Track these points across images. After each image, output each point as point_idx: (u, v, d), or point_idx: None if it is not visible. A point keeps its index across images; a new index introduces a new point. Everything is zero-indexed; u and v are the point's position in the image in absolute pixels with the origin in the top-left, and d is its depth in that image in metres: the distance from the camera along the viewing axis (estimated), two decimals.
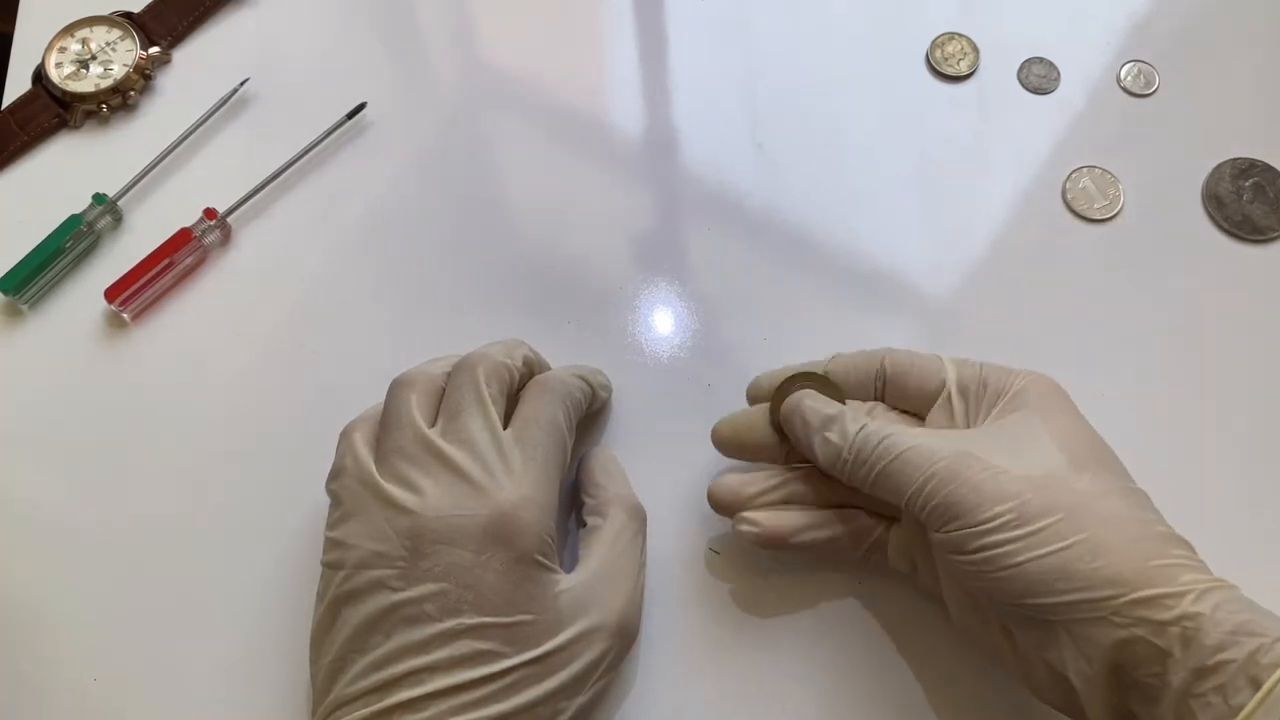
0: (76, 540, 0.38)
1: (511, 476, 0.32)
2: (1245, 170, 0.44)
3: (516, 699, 0.29)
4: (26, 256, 0.42)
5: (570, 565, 0.33)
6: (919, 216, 0.44)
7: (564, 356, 0.39)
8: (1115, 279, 0.42)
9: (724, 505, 0.35)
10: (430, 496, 0.31)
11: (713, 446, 0.36)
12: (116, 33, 0.47)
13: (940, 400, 0.34)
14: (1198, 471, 0.38)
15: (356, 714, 0.29)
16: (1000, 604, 0.30)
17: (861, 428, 0.32)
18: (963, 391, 0.34)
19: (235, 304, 0.42)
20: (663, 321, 0.42)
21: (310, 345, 0.42)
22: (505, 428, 0.33)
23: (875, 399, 0.35)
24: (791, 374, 0.35)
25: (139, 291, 0.42)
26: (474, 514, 0.31)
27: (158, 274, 0.42)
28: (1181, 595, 0.27)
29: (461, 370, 0.34)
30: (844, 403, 0.34)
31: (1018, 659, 0.31)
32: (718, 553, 0.37)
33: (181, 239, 0.42)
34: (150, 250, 0.42)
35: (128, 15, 0.48)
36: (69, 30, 0.47)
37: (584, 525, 0.35)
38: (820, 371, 0.35)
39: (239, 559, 0.37)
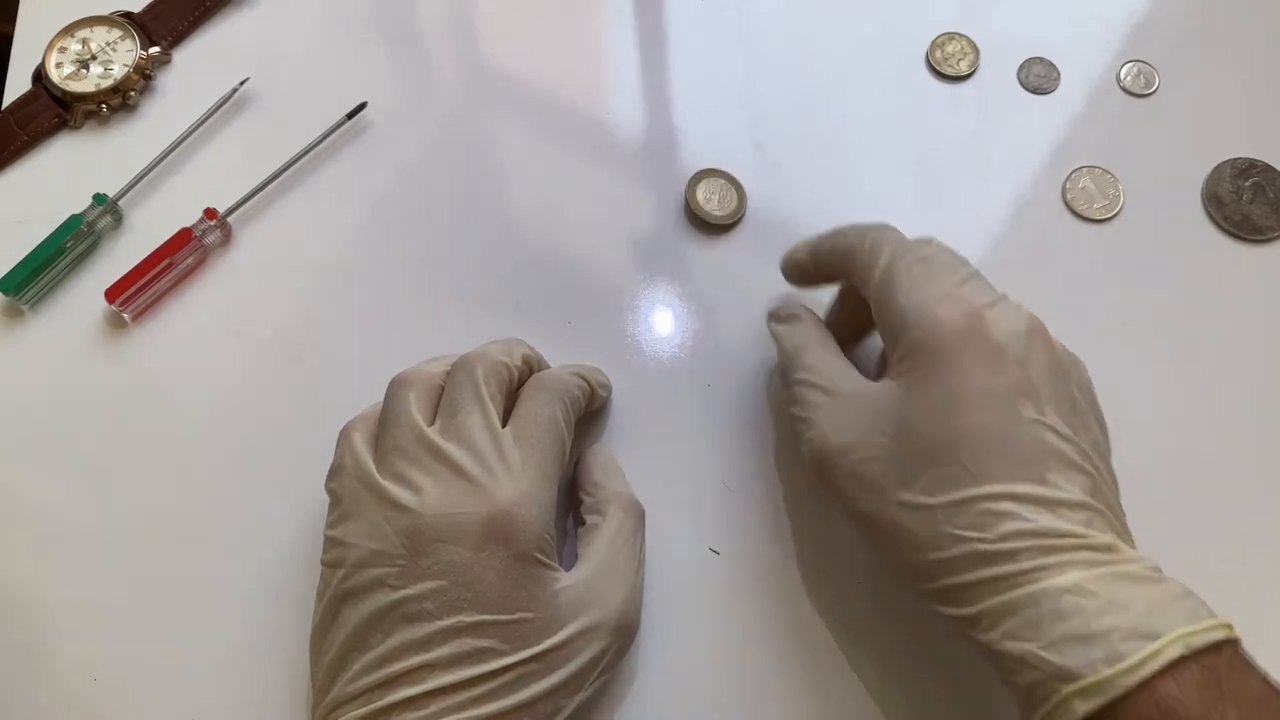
0: (76, 540, 0.38)
1: (510, 474, 0.32)
2: (1245, 170, 0.44)
3: (516, 696, 0.29)
4: (27, 257, 0.42)
5: (569, 564, 0.33)
6: (919, 216, 0.44)
7: (564, 356, 0.39)
8: (1115, 279, 0.42)
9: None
10: (429, 495, 0.31)
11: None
12: (116, 33, 0.47)
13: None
14: (1197, 471, 0.38)
15: (357, 712, 0.29)
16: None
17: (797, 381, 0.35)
18: (881, 325, 0.34)
19: (235, 304, 0.43)
20: (663, 321, 0.42)
21: (310, 345, 0.42)
22: (504, 426, 0.33)
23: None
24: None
25: (139, 291, 0.42)
26: (473, 512, 0.31)
27: (158, 274, 0.42)
28: (976, 618, 0.28)
29: (460, 369, 0.34)
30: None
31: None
32: (718, 553, 0.37)
33: (181, 239, 0.42)
34: (150, 250, 0.42)
35: (128, 15, 0.48)
36: (69, 30, 0.47)
37: (582, 524, 0.35)
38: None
39: (239, 558, 0.37)
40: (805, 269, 0.38)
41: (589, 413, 0.38)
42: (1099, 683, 0.26)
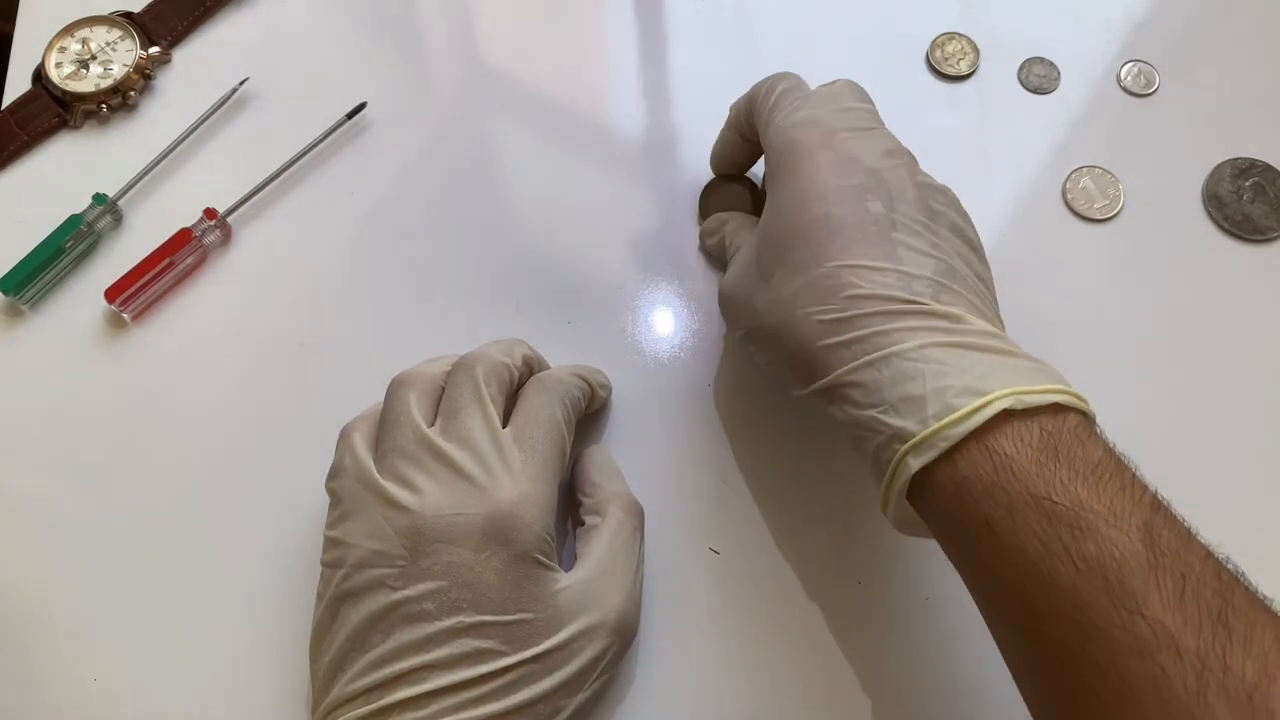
0: (76, 540, 0.38)
1: (510, 475, 0.32)
2: (1245, 170, 0.44)
3: (516, 697, 0.29)
4: (26, 257, 0.42)
5: (568, 565, 0.33)
6: None
7: (564, 356, 0.39)
8: (1115, 279, 0.42)
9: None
10: (429, 495, 0.31)
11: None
12: (116, 33, 0.47)
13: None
14: (1198, 471, 0.38)
15: (356, 712, 0.29)
16: None
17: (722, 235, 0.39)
18: (765, 156, 0.35)
19: (235, 304, 0.42)
20: (663, 321, 0.42)
21: (310, 345, 0.42)
22: (505, 427, 0.33)
23: None
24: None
25: (139, 291, 0.42)
26: (473, 512, 0.31)
27: (158, 274, 0.42)
28: (834, 390, 0.30)
29: (460, 369, 0.34)
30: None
31: None
32: (718, 552, 0.37)
33: (181, 239, 0.42)
34: (150, 250, 0.42)
35: (128, 15, 0.48)
36: (69, 30, 0.47)
37: (581, 525, 0.35)
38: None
39: (238, 558, 0.37)
40: (728, 140, 0.40)
41: (589, 413, 0.38)
42: (929, 436, 0.27)
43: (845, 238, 0.30)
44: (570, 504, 0.37)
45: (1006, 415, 0.27)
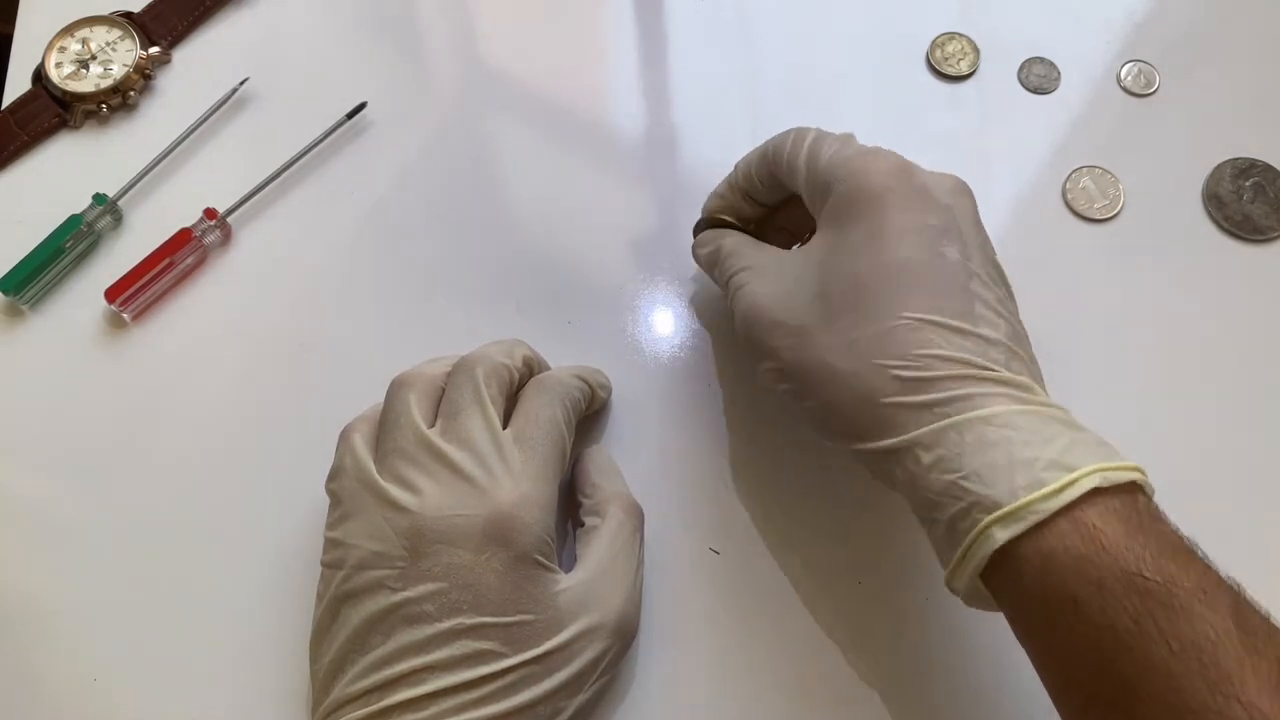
0: (76, 540, 0.38)
1: (511, 476, 0.32)
2: (1245, 170, 0.44)
3: (516, 698, 0.29)
4: (26, 257, 0.42)
5: (569, 565, 0.33)
6: None
7: (564, 356, 0.39)
8: (1115, 279, 0.42)
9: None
10: (429, 496, 0.31)
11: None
12: (116, 33, 0.47)
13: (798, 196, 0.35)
14: (1198, 470, 0.38)
15: (357, 713, 0.29)
16: None
17: (720, 255, 0.37)
18: (810, 194, 0.34)
19: (235, 304, 0.42)
20: (663, 321, 0.42)
21: (310, 345, 0.42)
22: (505, 428, 0.33)
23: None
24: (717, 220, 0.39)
25: (139, 291, 0.42)
26: (473, 513, 0.31)
27: (158, 274, 0.42)
28: (903, 451, 0.28)
29: (461, 370, 0.34)
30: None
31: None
32: (718, 552, 0.37)
33: (181, 239, 0.42)
34: (150, 250, 0.42)
35: (128, 15, 0.48)
36: (69, 30, 0.47)
37: (581, 525, 0.35)
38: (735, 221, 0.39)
39: (238, 559, 0.37)
40: (726, 197, 0.39)
41: (589, 414, 0.38)
42: (1019, 509, 0.26)
43: (926, 288, 0.30)
44: (570, 505, 0.37)
45: (1094, 491, 0.26)
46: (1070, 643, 0.26)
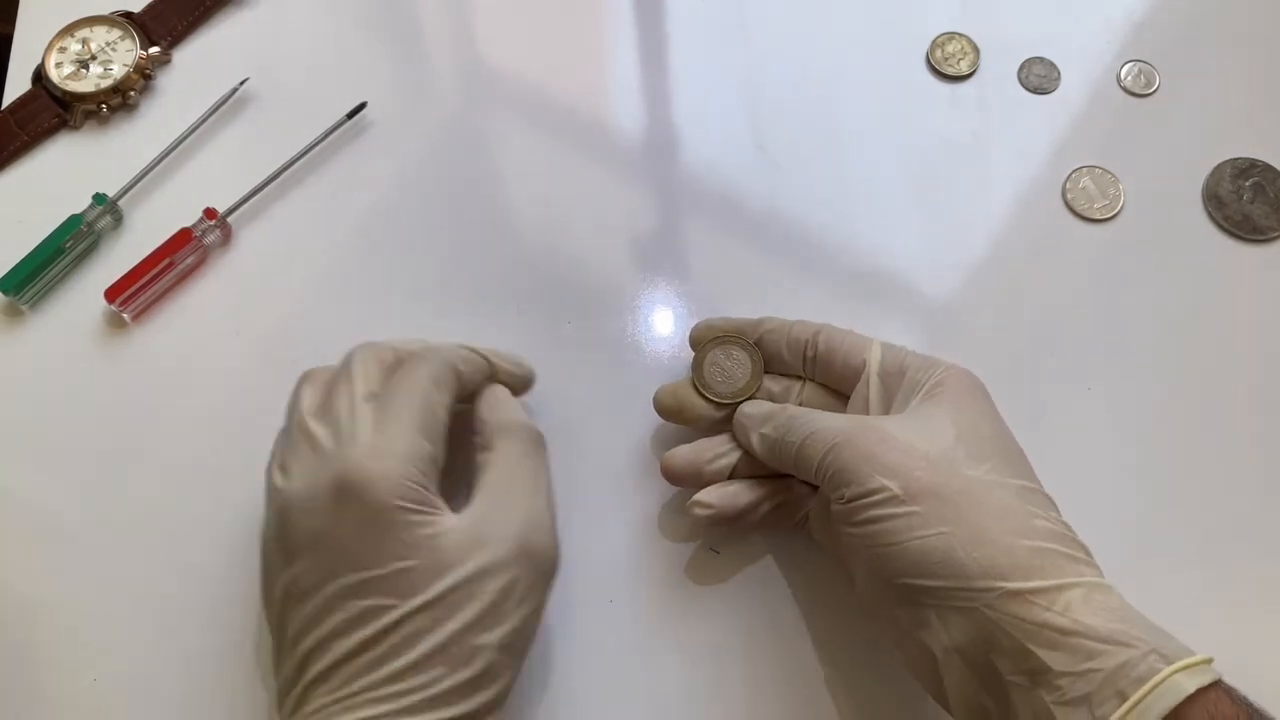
0: (76, 539, 0.38)
1: (358, 434, 0.31)
2: (1245, 170, 0.44)
3: (420, 646, 0.29)
4: (26, 257, 0.42)
5: None
6: (919, 216, 0.44)
7: (564, 356, 0.39)
8: (1115, 279, 0.42)
9: (678, 475, 0.36)
10: (294, 475, 0.32)
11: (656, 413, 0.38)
12: (116, 33, 0.47)
13: (860, 382, 0.35)
14: (1197, 470, 0.38)
15: (289, 702, 0.30)
16: (885, 579, 0.30)
17: (784, 411, 0.34)
18: (883, 376, 0.34)
19: (235, 304, 0.42)
20: (663, 321, 0.42)
21: (309, 345, 0.41)
22: None
23: (804, 372, 0.36)
24: (718, 333, 0.37)
25: (139, 291, 0.41)
26: (321, 476, 0.31)
27: (158, 274, 0.42)
28: (1057, 594, 0.28)
29: (344, 358, 0.35)
30: (761, 369, 0.36)
31: (901, 635, 0.31)
32: (717, 552, 0.37)
33: (181, 239, 0.42)
34: (150, 250, 0.42)
35: (128, 15, 0.48)
36: (69, 30, 0.47)
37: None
38: (751, 340, 0.37)
39: (238, 559, 0.37)
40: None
41: (513, 388, 0.37)
42: (1198, 663, 0.26)
43: (1027, 475, 0.31)
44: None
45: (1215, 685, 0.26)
46: None
